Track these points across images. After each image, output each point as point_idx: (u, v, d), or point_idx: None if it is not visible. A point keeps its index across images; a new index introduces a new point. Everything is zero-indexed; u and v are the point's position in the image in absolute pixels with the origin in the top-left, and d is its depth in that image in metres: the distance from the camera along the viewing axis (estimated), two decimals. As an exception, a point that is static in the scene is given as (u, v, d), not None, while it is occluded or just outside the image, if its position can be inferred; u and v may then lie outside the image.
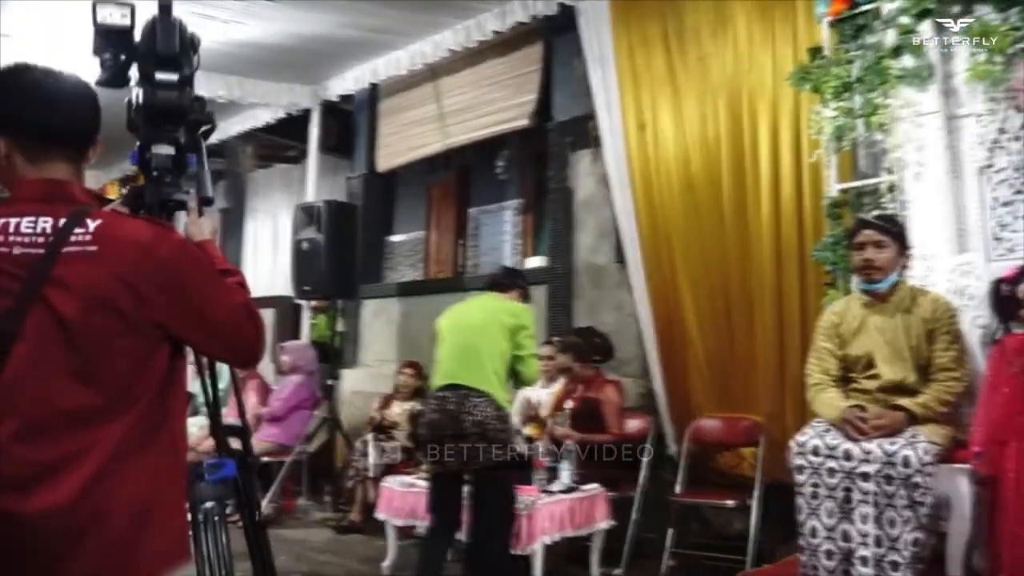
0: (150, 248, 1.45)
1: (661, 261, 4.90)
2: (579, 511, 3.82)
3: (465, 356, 3.57)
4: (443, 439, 3.41)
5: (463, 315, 3.80)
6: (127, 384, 1.42)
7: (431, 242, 10.18)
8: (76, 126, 1.58)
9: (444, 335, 3.72)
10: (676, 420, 4.90)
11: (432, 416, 3.49)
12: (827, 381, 2.97)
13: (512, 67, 6.31)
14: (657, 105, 4.92)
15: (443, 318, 3.80)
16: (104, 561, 1.38)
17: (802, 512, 2.71)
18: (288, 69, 6.85)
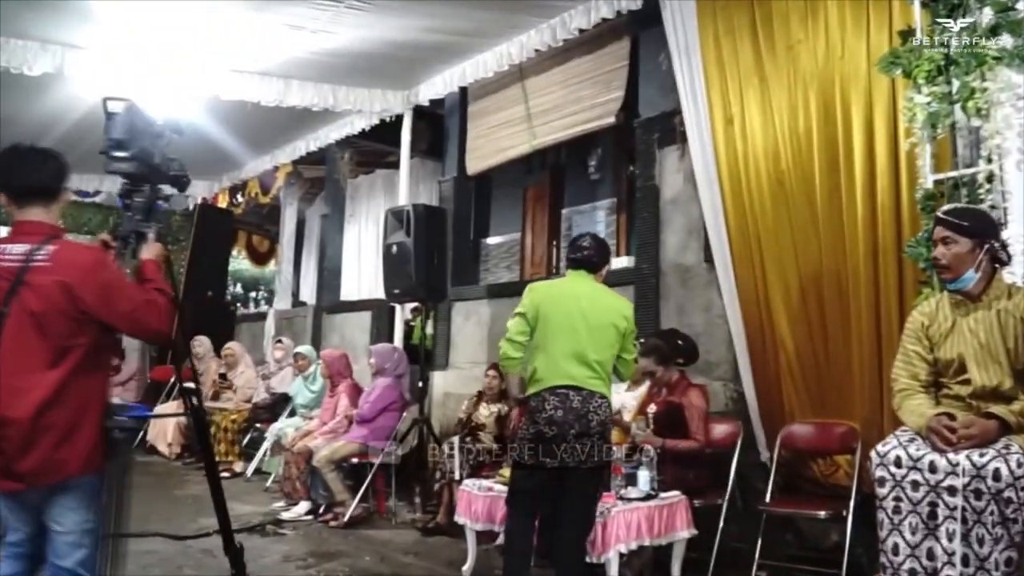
0: (83, 264, 2.38)
1: (750, 260, 4.70)
2: (658, 519, 3.69)
3: (583, 358, 3.54)
4: (567, 437, 3.42)
5: (570, 304, 3.61)
6: (66, 348, 2.34)
7: (527, 244, 10.21)
8: (47, 186, 2.46)
9: (549, 321, 3.57)
10: (767, 426, 4.70)
11: (555, 413, 3.46)
12: (915, 386, 2.75)
13: (598, 64, 6.22)
14: (745, 97, 4.73)
15: (541, 297, 3.63)
16: (45, 459, 2.28)
17: (883, 528, 2.51)
18: (379, 75, 6.98)
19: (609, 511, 3.53)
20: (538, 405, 3.50)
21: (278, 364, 7.65)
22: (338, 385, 6.38)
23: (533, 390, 3.55)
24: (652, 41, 5.75)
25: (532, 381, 3.57)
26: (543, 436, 3.45)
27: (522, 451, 3.50)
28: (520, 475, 3.58)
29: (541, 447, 3.45)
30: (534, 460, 3.46)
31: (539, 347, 3.57)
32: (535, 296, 3.65)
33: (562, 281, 3.78)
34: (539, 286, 3.71)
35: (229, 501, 6.08)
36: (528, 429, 3.51)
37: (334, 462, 5.58)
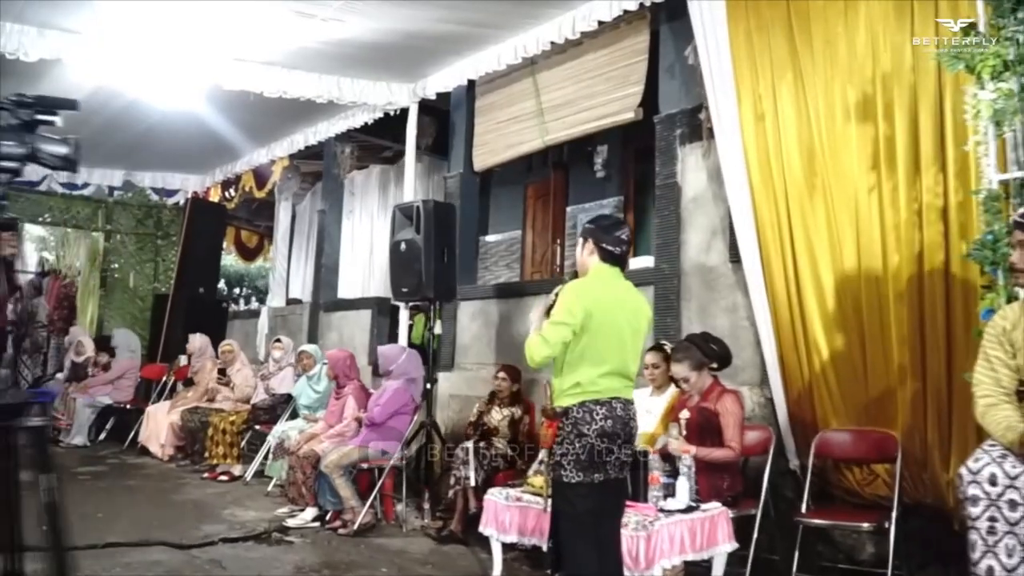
0: None
1: (783, 260, 4.54)
2: (700, 532, 3.52)
3: (627, 370, 3.33)
4: (614, 448, 3.22)
5: (618, 314, 3.30)
6: None
7: (528, 242, 10.04)
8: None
9: (599, 335, 3.22)
10: (799, 432, 4.55)
11: (604, 424, 3.19)
12: (999, 394, 2.60)
13: (615, 59, 6.05)
14: (778, 93, 4.57)
15: (591, 306, 3.21)
16: None
17: (976, 549, 2.36)
18: (385, 67, 6.77)
19: (652, 524, 3.36)
20: (584, 416, 3.17)
21: (277, 364, 7.41)
22: (344, 386, 6.17)
23: (575, 401, 3.22)
24: (673, 35, 5.60)
25: (572, 392, 3.23)
26: (594, 449, 3.17)
27: (568, 469, 3.14)
28: (575, 495, 3.17)
29: (591, 462, 3.17)
30: (583, 477, 3.16)
31: (584, 358, 3.21)
32: (585, 304, 3.21)
33: (606, 285, 3.35)
34: (587, 292, 3.28)
35: (229, 506, 6.00)
36: (574, 443, 3.16)
37: (343, 467, 5.37)
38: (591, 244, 3.37)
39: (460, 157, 7.51)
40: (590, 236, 3.39)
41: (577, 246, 3.47)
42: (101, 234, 11.00)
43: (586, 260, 3.39)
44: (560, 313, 3.23)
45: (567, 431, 3.20)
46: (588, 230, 3.43)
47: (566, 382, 3.25)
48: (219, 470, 7.03)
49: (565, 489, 3.19)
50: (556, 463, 3.20)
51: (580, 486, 3.16)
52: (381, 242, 10.77)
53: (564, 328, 3.19)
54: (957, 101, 3.79)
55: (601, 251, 3.36)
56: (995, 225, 3.06)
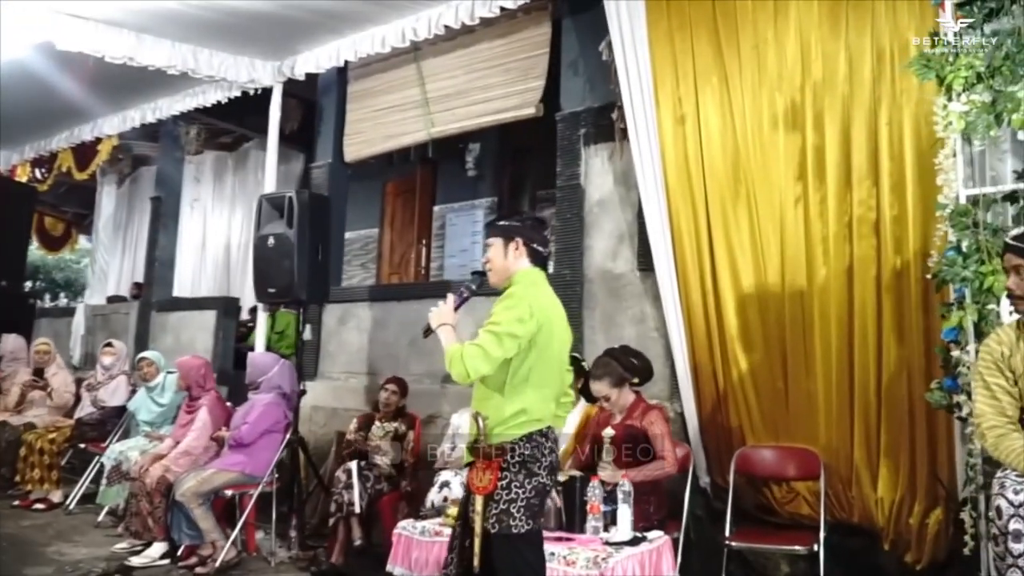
0: None
1: (700, 270, 4.36)
2: (648, 565, 3.22)
3: (563, 387, 3.04)
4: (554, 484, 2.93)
5: (560, 328, 2.95)
6: None
7: (385, 241, 9.47)
8: None
9: (544, 353, 2.84)
10: (711, 449, 4.38)
11: (553, 459, 2.83)
12: (1004, 423, 2.47)
13: (513, 50, 5.72)
14: (701, 97, 4.39)
15: (543, 320, 2.81)
16: None
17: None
18: (249, 40, 6.02)
19: (605, 561, 3.01)
20: (533, 452, 2.75)
21: (107, 372, 6.40)
22: (199, 398, 5.36)
23: (520, 433, 2.75)
24: (577, 29, 5.35)
25: (517, 423, 2.76)
26: (544, 489, 2.80)
27: (519, 517, 2.67)
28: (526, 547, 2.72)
29: (541, 504, 2.80)
30: (534, 524, 2.74)
31: (529, 381, 2.79)
32: (537, 315, 2.79)
33: (546, 293, 2.96)
34: (537, 300, 2.84)
35: (54, 542, 5.05)
36: (524, 485, 2.71)
37: (203, 495, 4.63)
38: (519, 244, 2.94)
39: (328, 146, 6.89)
40: (517, 234, 2.95)
41: (492, 247, 2.99)
42: None
43: (511, 263, 2.95)
44: (507, 324, 2.74)
45: (514, 472, 2.73)
46: (511, 228, 2.99)
47: (508, 409, 2.77)
48: (33, 497, 5.97)
49: (515, 542, 2.70)
50: (502, 511, 2.69)
51: (530, 535, 2.73)
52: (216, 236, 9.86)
53: (512, 342, 2.74)
54: (894, 114, 3.76)
55: (531, 252, 2.97)
56: (964, 241, 2.96)
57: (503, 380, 2.78)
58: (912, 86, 3.65)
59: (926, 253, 3.50)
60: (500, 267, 2.97)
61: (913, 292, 3.64)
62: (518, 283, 2.92)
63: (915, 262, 3.62)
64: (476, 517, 2.75)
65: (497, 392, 2.80)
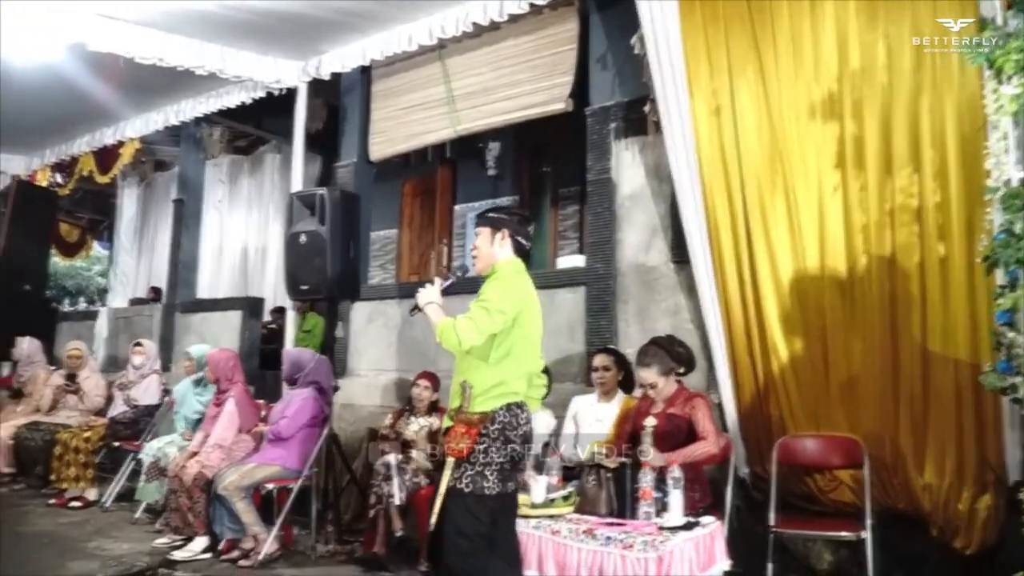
0: None
1: (738, 260, 4.38)
2: (703, 550, 3.24)
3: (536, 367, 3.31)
4: (527, 455, 3.19)
5: (536, 307, 3.26)
6: None
7: (404, 242, 9.50)
8: None
9: (525, 329, 3.14)
10: (752, 439, 4.40)
11: (528, 429, 3.12)
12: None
13: (540, 46, 5.73)
14: (736, 89, 4.40)
15: (525, 299, 3.17)
16: None
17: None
18: (275, 40, 6.09)
19: (662, 544, 3.03)
20: (511, 420, 3.03)
21: (139, 371, 6.44)
22: (226, 391, 5.38)
23: (499, 404, 3.03)
24: (605, 24, 5.38)
25: (496, 394, 3.05)
26: (518, 456, 3.06)
27: (491, 480, 2.97)
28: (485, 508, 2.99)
29: (513, 470, 3.05)
30: (502, 487, 3.01)
31: (509, 356, 3.08)
32: (519, 297, 3.13)
33: (527, 280, 3.26)
34: (519, 285, 3.18)
35: (94, 538, 5.08)
36: (501, 451, 2.99)
37: (244, 488, 4.66)
38: (505, 235, 3.24)
39: (353, 146, 6.91)
40: (504, 226, 3.25)
41: (480, 236, 3.29)
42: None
43: (496, 252, 3.25)
44: (497, 300, 3.04)
45: (493, 438, 3.00)
46: (499, 220, 3.29)
47: (488, 381, 3.05)
48: (68, 495, 6.01)
49: (479, 501, 2.97)
50: (477, 473, 2.97)
51: (497, 498, 3.00)
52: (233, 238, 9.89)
53: (500, 317, 3.01)
54: (935, 101, 3.78)
55: (516, 244, 3.26)
56: (1018, 224, 2.98)
57: (487, 352, 3.04)
58: (953, 73, 3.68)
59: (971, 238, 3.54)
60: (486, 255, 3.25)
61: (957, 278, 3.66)
62: (502, 269, 3.20)
63: (960, 248, 3.64)
64: (443, 479, 3.03)
65: (482, 362, 3.05)
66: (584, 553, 3.17)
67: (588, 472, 3.68)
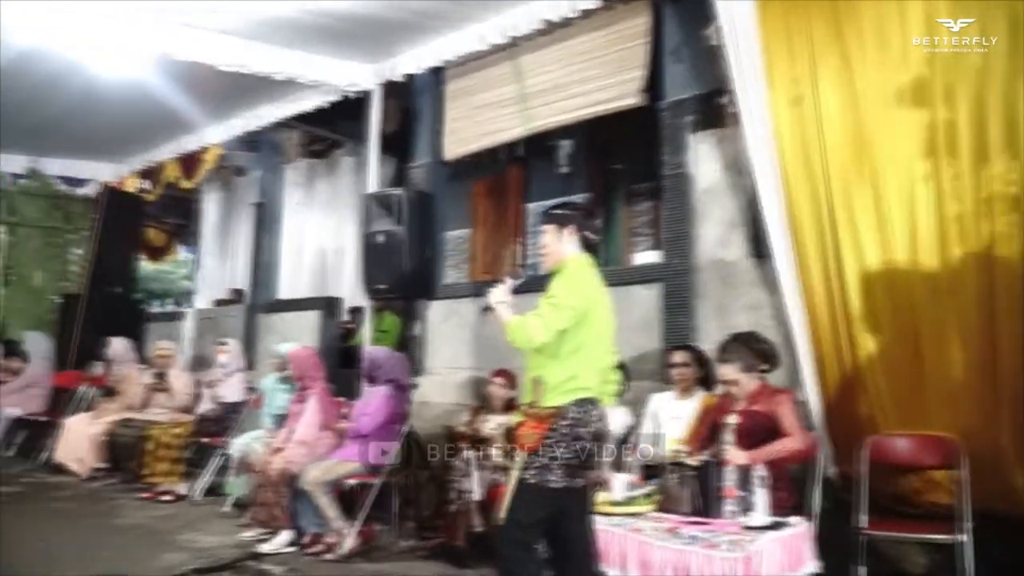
0: None
1: (823, 254, 4.25)
2: (791, 551, 3.16)
3: (607, 363, 3.29)
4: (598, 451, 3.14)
5: (605, 303, 3.23)
6: None
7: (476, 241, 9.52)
8: None
9: (594, 325, 3.12)
10: (839, 438, 4.26)
11: (599, 425, 3.10)
12: None
13: (611, 41, 5.67)
14: (818, 77, 4.27)
15: (593, 294, 3.14)
16: None
17: None
18: (350, 43, 6.17)
19: (749, 544, 2.97)
20: (582, 417, 3.02)
21: (224, 369, 6.64)
22: (308, 388, 5.50)
23: (570, 399, 3.03)
24: (678, 17, 5.29)
25: (567, 389, 3.05)
26: (585, 452, 3.03)
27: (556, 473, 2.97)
28: (547, 500, 3.01)
29: (580, 465, 3.02)
30: (567, 482, 3.00)
31: (579, 352, 3.08)
32: (586, 293, 3.12)
33: (594, 276, 3.22)
34: (586, 281, 3.16)
35: (184, 531, 5.24)
36: (569, 445, 2.98)
37: (326, 484, 4.75)
38: (572, 230, 3.24)
39: (426, 146, 6.99)
40: (571, 222, 3.25)
41: (547, 233, 3.30)
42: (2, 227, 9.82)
43: (564, 248, 3.24)
44: (565, 297, 3.04)
45: (563, 433, 3.00)
46: (565, 216, 3.29)
47: (559, 376, 3.06)
48: (159, 489, 6.22)
49: (541, 493, 2.99)
50: (543, 466, 2.98)
51: (562, 492, 3.00)
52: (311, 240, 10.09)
53: (569, 313, 3.02)
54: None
55: (582, 239, 3.26)
56: None
57: (558, 348, 3.05)
58: (1052, 54, 3.51)
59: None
60: (553, 251, 3.25)
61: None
62: (569, 265, 3.18)
63: (1063, 237, 3.47)
64: (513, 471, 3.07)
65: (552, 359, 3.06)
66: (667, 552, 3.12)
67: (669, 470, 3.62)
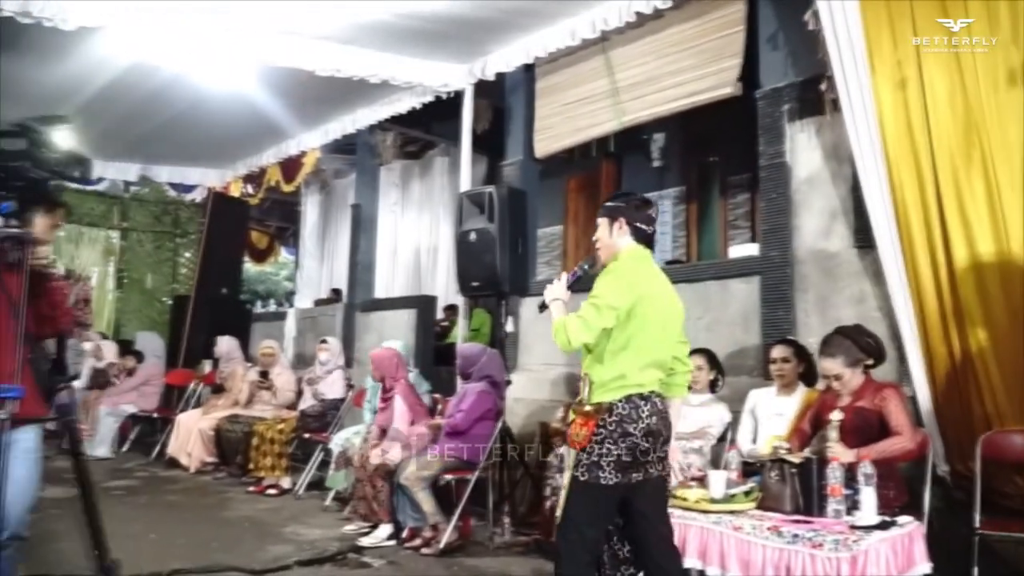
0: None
1: (930, 243, 4.06)
2: (901, 551, 3.03)
3: (665, 363, 3.17)
4: (658, 447, 3.03)
5: (662, 300, 3.12)
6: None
7: (569, 238, 9.54)
8: None
9: (645, 322, 3.00)
10: (950, 435, 4.08)
11: (651, 422, 2.98)
12: None
13: (705, 31, 5.58)
14: (923, 58, 4.09)
15: (643, 292, 3.01)
16: None
17: None
18: (442, 44, 6.24)
19: (856, 544, 2.87)
20: (630, 413, 2.95)
21: (325, 367, 6.84)
22: (391, 388, 5.61)
23: (618, 396, 2.97)
24: (774, 3, 5.14)
25: (615, 386, 2.98)
26: (638, 449, 2.94)
27: (607, 470, 2.90)
28: (603, 497, 2.95)
29: (633, 462, 2.94)
30: (621, 478, 2.93)
31: (628, 348, 3.00)
32: (634, 288, 3.00)
33: (649, 269, 3.13)
34: (634, 275, 3.05)
35: (289, 523, 5.42)
36: (618, 443, 2.92)
37: (424, 479, 4.84)
38: (622, 223, 3.17)
39: (519, 143, 7.01)
40: (620, 214, 3.19)
41: (600, 227, 3.25)
42: (116, 232, 10.40)
43: (616, 241, 3.18)
44: (607, 295, 2.97)
45: (610, 429, 2.95)
46: (615, 208, 3.23)
47: (607, 374, 3.01)
48: (265, 483, 6.47)
49: (593, 491, 2.95)
50: (593, 463, 2.94)
51: (615, 488, 2.94)
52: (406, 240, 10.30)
53: (611, 313, 2.95)
54: None
55: (634, 230, 3.17)
56: None
57: (604, 348, 3.00)
58: None
59: None
60: (606, 244, 3.20)
61: None
62: (620, 259, 3.13)
63: None
64: (567, 469, 3.04)
65: (598, 358, 3.03)
66: (769, 551, 3.04)
67: (770, 467, 3.52)
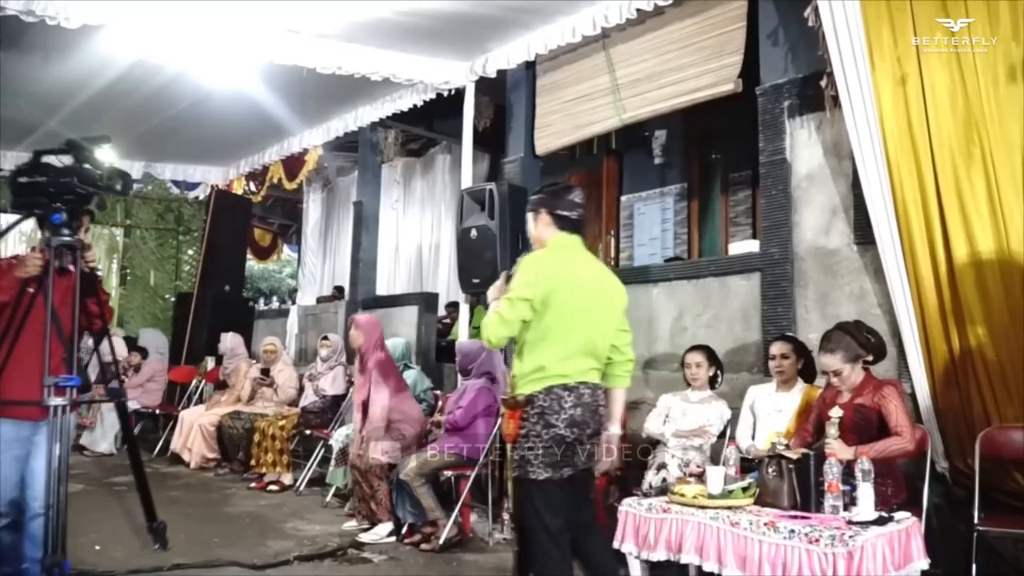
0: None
1: (930, 240, 4.06)
2: (898, 547, 3.04)
3: (595, 351, 3.08)
4: (584, 439, 3.01)
5: (584, 287, 3.05)
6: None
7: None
8: None
9: (563, 311, 2.95)
10: (949, 432, 4.08)
11: (574, 413, 2.95)
12: None
13: (706, 28, 5.57)
14: (923, 55, 4.09)
15: (555, 280, 2.95)
16: None
17: None
18: (443, 42, 6.25)
19: (852, 540, 2.87)
20: (551, 404, 2.92)
21: (326, 363, 6.86)
22: (368, 361, 5.40)
23: (539, 387, 2.94)
24: (774, 0, 5.14)
25: (536, 378, 2.95)
26: (563, 441, 2.93)
27: (536, 465, 2.90)
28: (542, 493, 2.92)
29: (561, 455, 2.93)
30: (552, 473, 2.91)
31: (547, 339, 2.96)
32: (547, 277, 2.95)
33: (570, 255, 3.08)
34: (548, 263, 3.01)
35: (290, 519, 5.44)
36: (542, 435, 2.91)
37: (424, 475, 4.85)
38: (543, 214, 3.15)
39: (520, 141, 7.00)
40: (540, 206, 3.18)
41: (528, 223, 3.24)
42: (120, 229, 10.43)
43: (542, 233, 3.16)
44: (518, 288, 2.96)
45: (533, 423, 2.94)
46: (535, 201, 3.24)
47: (527, 366, 2.99)
48: (267, 479, 6.48)
49: (531, 487, 2.93)
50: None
51: (548, 483, 2.92)
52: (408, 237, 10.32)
53: (523, 304, 2.93)
54: None
55: (557, 219, 3.12)
56: None
57: (524, 339, 3.00)
58: None
59: None
60: (535, 238, 3.19)
61: None
62: (533, 253, 3.11)
63: None
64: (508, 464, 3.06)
65: (519, 351, 3.04)
66: (766, 546, 3.04)
67: (768, 463, 3.52)
